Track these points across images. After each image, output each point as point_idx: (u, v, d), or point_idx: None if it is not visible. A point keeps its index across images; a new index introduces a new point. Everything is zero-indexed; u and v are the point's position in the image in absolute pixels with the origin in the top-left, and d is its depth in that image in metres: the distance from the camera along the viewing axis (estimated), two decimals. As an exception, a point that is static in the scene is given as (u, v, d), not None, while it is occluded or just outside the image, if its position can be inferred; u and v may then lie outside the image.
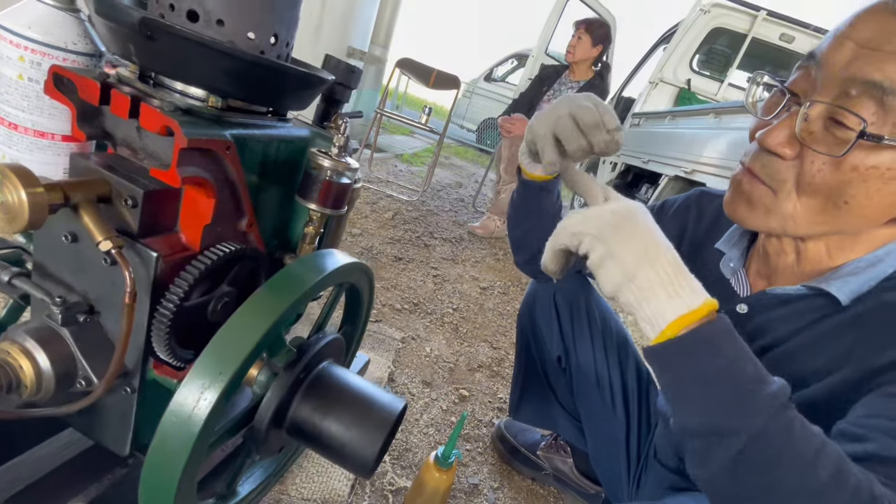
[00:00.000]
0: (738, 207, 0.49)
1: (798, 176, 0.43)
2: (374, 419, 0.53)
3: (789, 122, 0.43)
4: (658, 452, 0.77)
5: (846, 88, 0.40)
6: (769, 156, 0.45)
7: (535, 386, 0.94)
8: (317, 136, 0.61)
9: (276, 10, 0.47)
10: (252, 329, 0.44)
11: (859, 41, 0.40)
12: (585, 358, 0.84)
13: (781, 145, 0.43)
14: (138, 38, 0.40)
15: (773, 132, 0.43)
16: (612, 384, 0.83)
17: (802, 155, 0.43)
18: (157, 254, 0.44)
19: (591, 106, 0.51)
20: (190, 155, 0.43)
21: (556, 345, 0.86)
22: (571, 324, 0.84)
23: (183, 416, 0.40)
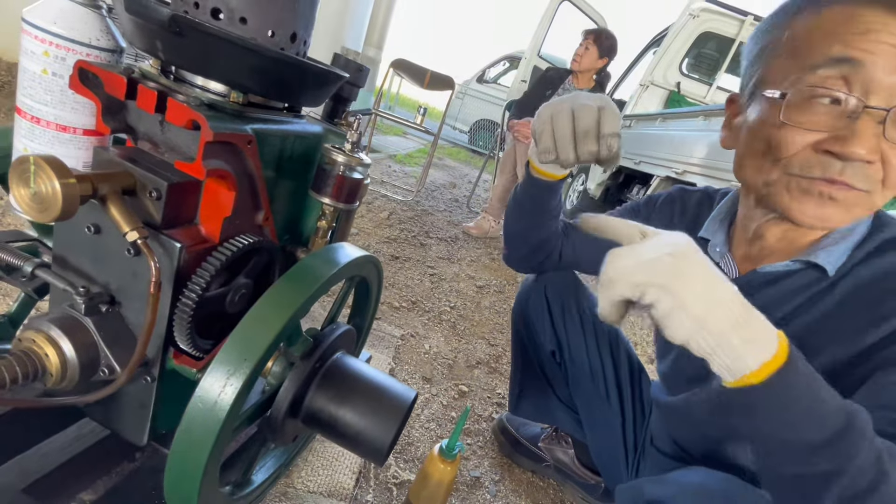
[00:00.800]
0: (833, 215, 0.48)
1: (886, 173, 0.45)
2: (387, 407, 0.55)
3: (870, 128, 0.43)
4: (654, 439, 0.80)
5: None
6: (861, 165, 0.44)
7: (533, 381, 0.96)
8: (329, 133, 0.62)
9: (296, 10, 0.48)
10: (274, 319, 0.45)
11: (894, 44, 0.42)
12: (578, 351, 0.87)
13: (872, 151, 0.43)
14: (166, 35, 0.41)
15: (860, 142, 0.43)
16: (605, 375, 0.86)
17: (885, 155, 0.44)
18: (181, 244, 0.45)
19: (592, 107, 0.52)
20: (214, 148, 0.44)
21: (549, 339, 0.89)
22: (563, 319, 0.87)
23: (209, 401, 0.41)
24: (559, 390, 0.94)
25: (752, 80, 0.53)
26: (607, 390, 0.86)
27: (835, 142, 0.44)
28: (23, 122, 0.48)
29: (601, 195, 3.92)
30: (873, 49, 0.42)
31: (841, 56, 0.43)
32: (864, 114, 0.43)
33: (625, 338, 0.91)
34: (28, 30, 0.45)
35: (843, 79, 0.44)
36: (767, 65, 0.51)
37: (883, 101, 0.42)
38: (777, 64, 0.49)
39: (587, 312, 0.86)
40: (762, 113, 0.50)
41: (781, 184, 0.49)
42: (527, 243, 0.79)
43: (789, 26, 0.49)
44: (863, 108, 0.43)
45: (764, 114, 0.50)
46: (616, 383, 0.86)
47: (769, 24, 0.53)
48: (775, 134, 0.48)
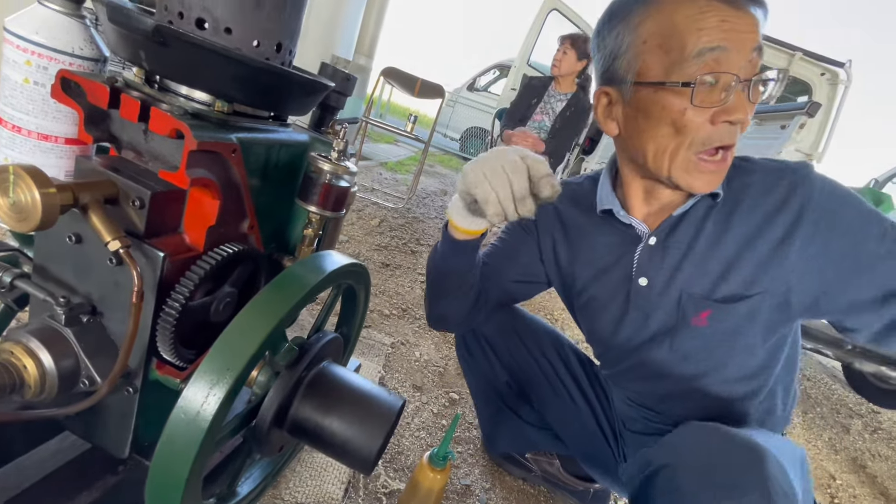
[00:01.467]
0: (716, 181, 0.60)
1: (742, 128, 0.57)
2: (374, 416, 0.54)
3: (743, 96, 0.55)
4: (627, 423, 0.81)
5: (749, 58, 0.55)
6: (733, 127, 0.56)
7: (501, 416, 0.98)
8: (316, 141, 0.63)
9: (282, 20, 0.48)
10: (258, 327, 0.45)
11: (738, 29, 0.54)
12: (530, 370, 0.90)
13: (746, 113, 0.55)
14: (150, 45, 0.41)
15: (741, 108, 0.55)
16: (562, 381, 0.88)
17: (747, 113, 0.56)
18: (164, 254, 0.45)
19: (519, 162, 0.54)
20: (198, 157, 0.44)
21: (499, 374, 0.92)
22: (507, 347, 0.90)
23: (191, 413, 0.41)
24: (526, 415, 0.96)
25: (629, 73, 0.60)
26: (570, 394, 0.88)
27: (725, 113, 0.55)
28: (4, 131, 0.48)
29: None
30: (728, 37, 0.53)
31: (712, 45, 0.53)
32: (737, 86, 0.54)
33: (565, 337, 0.94)
34: (10, 39, 0.45)
35: (715, 61, 0.53)
36: (641, 59, 0.58)
37: (743, 74, 0.54)
38: (651, 58, 0.57)
39: (525, 330, 0.90)
40: (660, 100, 0.57)
41: (682, 168, 0.59)
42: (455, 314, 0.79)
43: (644, 25, 0.57)
44: (737, 82, 0.54)
45: (663, 101, 0.57)
46: (575, 383, 0.88)
47: (621, 25, 0.60)
48: (680, 117, 0.56)
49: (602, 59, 0.64)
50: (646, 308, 0.69)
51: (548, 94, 2.65)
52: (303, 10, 0.52)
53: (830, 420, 1.99)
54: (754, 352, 0.66)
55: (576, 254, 0.77)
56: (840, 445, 1.77)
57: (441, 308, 0.79)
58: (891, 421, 2.19)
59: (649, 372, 0.73)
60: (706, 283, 0.64)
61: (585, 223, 0.76)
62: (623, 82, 0.61)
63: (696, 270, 0.65)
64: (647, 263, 0.68)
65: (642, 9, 0.57)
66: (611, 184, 0.73)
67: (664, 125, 0.58)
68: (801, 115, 2.11)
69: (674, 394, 0.72)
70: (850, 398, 2.33)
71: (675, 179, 0.60)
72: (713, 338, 0.65)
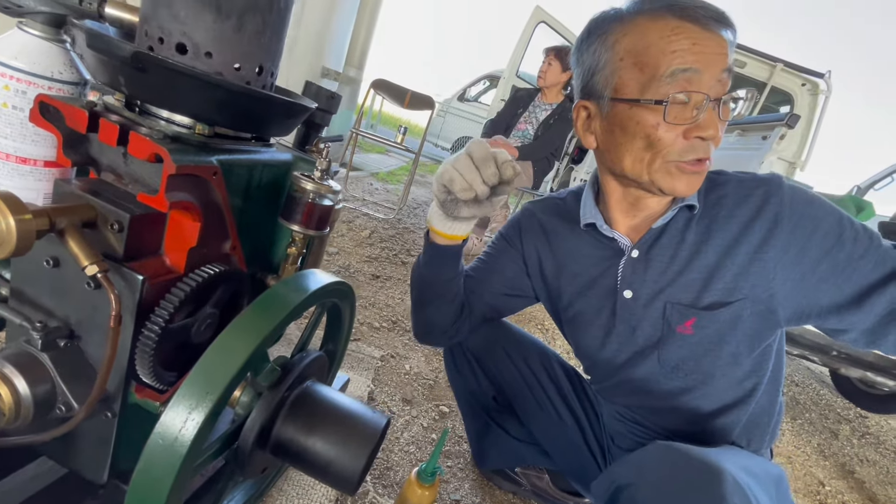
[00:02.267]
0: (698, 183, 0.62)
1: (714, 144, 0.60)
2: (358, 436, 0.54)
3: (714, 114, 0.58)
4: (615, 438, 0.81)
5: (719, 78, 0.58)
6: (707, 142, 0.59)
7: (489, 431, 0.98)
8: (299, 160, 0.63)
9: (262, 43, 0.49)
10: (239, 349, 0.45)
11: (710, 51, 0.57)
12: (517, 385, 0.89)
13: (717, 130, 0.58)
14: (129, 71, 0.41)
15: (713, 125, 0.58)
16: (549, 396, 0.88)
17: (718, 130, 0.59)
18: (143, 277, 0.44)
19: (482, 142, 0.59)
20: (177, 180, 0.44)
21: (486, 389, 0.92)
22: (494, 361, 0.89)
23: (170, 437, 0.40)
24: (514, 431, 0.96)
25: (606, 89, 0.62)
26: (556, 409, 0.88)
27: (698, 129, 0.57)
28: (-19, 154, 0.47)
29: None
30: (699, 59, 0.55)
31: (685, 67, 0.56)
32: (708, 105, 0.57)
33: (552, 351, 0.94)
34: (-12, 64, 0.45)
35: (687, 81, 0.56)
36: (618, 76, 0.60)
37: (713, 94, 0.57)
38: (627, 75, 0.59)
39: (511, 347, 0.90)
40: (634, 116, 0.60)
41: (663, 171, 0.61)
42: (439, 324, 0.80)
43: (621, 43, 0.60)
44: (708, 101, 0.56)
45: (637, 117, 0.59)
46: (562, 398, 0.88)
47: (599, 42, 0.62)
48: (653, 132, 0.59)
49: (581, 75, 0.66)
50: (631, 321, 0.70)
51: (533, 105, 2.69)
52: (284, 32, 0.53)
53: (819, 426, 2.01)
54: (740, 361, 0.67)
55: (561, 268, 0.78)
56: (829, 451, 1.79)
57: (425, 317, 0.80)
58: (878, 426, 2.21)
59: (638, 386, 0.73)
60: (690, 292, 0.66)
61: (570, 237, 0.77)
62: (601, 97, 0.63)
63: (680, 280, 0.66)
64: (630, 275, 0.70)
65: (618, 27, 0.60)
66: (594, 198, 0.74)
67: (639, 139, 0.60)
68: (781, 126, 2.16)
69: (663, 409, 0.73)
70: (839, 403, 2.35)
71: (658, 182, 0.61)
72: (699, 346, 0.67)
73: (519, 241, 0.82)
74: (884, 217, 2.70)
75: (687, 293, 0.66)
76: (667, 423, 0.74)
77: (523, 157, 2.58)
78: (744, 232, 0.63)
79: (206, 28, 0.45)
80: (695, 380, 0.68)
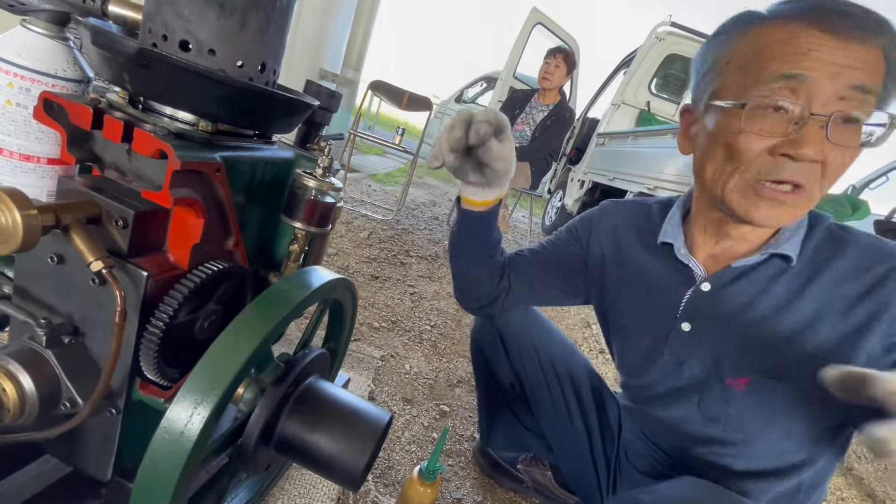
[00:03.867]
0: (783, 215, 0.54)
1: (824, 171, 0.51)
2: (361, 431, 0.54)
3: (814, 132, 0.49)
4: (630, 455, 0.80)
5: (840, 94, 0.48)
6: (808, 165, 0.51)
7: (500, 413, 0.97)
8: (301, 158, 0.63)
9: (265, 41, 0.49)
10: (243, 345, 0.45)
11: (831, 61, 0.48)
12: (536, 380, 0.87)
13: (819, 152, 0.50)
14: (133, 68, 0.42)
15: (810, 144, 0.49)
16: (566, 399, 0.86)
17: (825, 155, 0.50)
18: (148, 273, 0.45)
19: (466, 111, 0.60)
20: (182, 177, 0.44)
21: (506, 373, 0.90)
22: (519, 350, 0.87)
23: (175, 433, 0.40)
24: (525, 420, 0.95)
25: (706, 93, 0.58)
26: (570, 415, 0.86)
27: (789, 145, 0.50)
28: (-16, 152, 0.48)
29: (578, 211, 4.00)
30: (814, 66, 0.48)
31: (793, 73, 0.49)
32: (810, 120, 0.49)
33: (582, 357, 0.91)
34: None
35: (791, 90, 0.49)
36: (721, 79, 0.56)
37: (823, 109, 0.48)
38: (730, 79, 0.55)
39: (541, 339, 0.87)
40: (721, 122, 0.55)
41: (738, 190, 0.55)
42: (470, 283, 0.80)
43: (736, 45, 0.55)
44: (808, 115, 0.49)
45: (722, 123, 0.55)
46: (579, 407, 0.86)
47: (716, 43, 0.58)
48: (734, 140, 0.53)
49: (694, 77, 0.62)
50: (681, 354, 0.66)
51: (530, 105, 2.71)
52: (287, 30, 0.53)
53: (817, 423, 2.02)
54: (791, 436, 0.60)
55: (624, 278, 0.74)
56: (827, 448, 1.80)
57: (457, 272, 0.80)
58: (876, 423, 2.22)
59: (669, 423, 0.70)
60: (754, 349, 0.59)
61: (643, 251, 0.72)
62: (700, 100, 0.59)
63: (747, 332, 0.59)
64: (694, 309, 0.65)
65: (739, 30, 0.55)
66: (681, 216, 0.69)
67: (720, 147, 0.55)
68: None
69: (691, 452, 0.68)
70: (836, 401, 2.36)
71: (730, 202, 0.56)
72: (748, 407, 0.61)
73: (586, 238, 0.79)
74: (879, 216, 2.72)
75: (752, 348, 0.59)
76: (690, 466, 0.69)
77: (521, 158, 2.59)
78: (848, 308, 0.54)
79: (209, 25, 0.45)
80: (733, 437, 0.63)
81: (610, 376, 1.78)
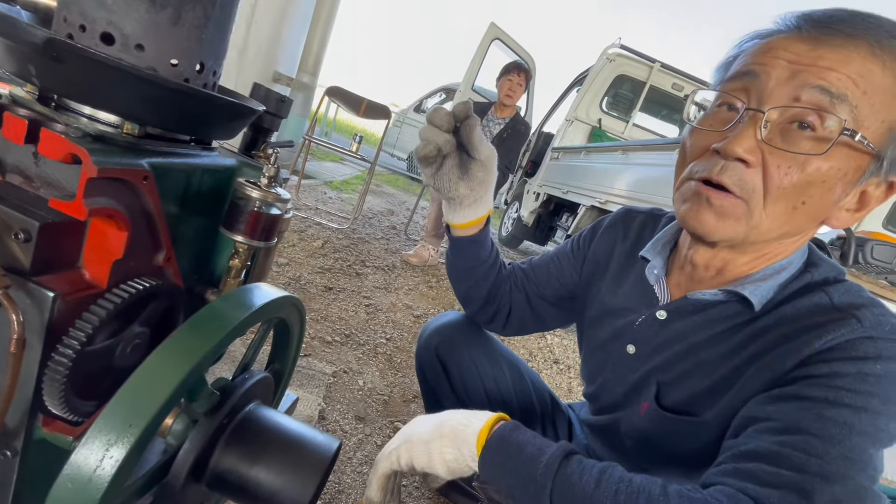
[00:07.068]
0: (706, 220, 0.49)
1: (766, 182, 0.45)
2: (306, 462, 0.50)
3: (750, 130, 0.45)
4: None
5: (796, 96, 0.43)
6: (736, 165, 0.46)
7: None
8: (244, 166, 0.59)
9: (203, 39, 0.45)
10: (169, 373, 0.40)
11: (789, 59, 0.44)
12: (481, 405, 0.85)
13: (749, 151, 0.45)
14: (41, 60, 0.36)
15: (737, 140, 0.45)
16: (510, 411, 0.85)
17: (766, 162, 0.45)
18: (55, 293, 0.39)
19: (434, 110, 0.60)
20: (99, 185, 0.39)
21: (450, 399, 0.89)
22: (461, 376, 0.86)
23: (81, 480, 0.35)
24: None
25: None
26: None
27: (720, 141, 0.47)
28: None
29: (533, 222, 4.09)
30: (770, 64, 0.45)
31: (744, 70, 0.47)
32: (746, 116, 0.46)
33: (530, 375, 0.90)
34: None
35: (743, 89, 0.47)
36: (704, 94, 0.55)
37: (758, 104, 0.45)
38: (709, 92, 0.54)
39: (484, 361, 0.85)
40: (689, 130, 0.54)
41: (678, 193, 0.52)
42: (478, 299, 0.79)
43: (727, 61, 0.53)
44: (745, 110, 0.46)
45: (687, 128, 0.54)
46: (523, 417, 0.86)
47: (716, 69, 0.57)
48: (686, 141, 0.52)
49: None
50: (620, 373, 0.67)
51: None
52: (229, 29, 0.49)
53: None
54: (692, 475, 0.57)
55: (605, 286, 0.72)
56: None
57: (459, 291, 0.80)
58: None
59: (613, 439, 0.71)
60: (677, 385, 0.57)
61: (628, 260, 0.70)
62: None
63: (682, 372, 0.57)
64: (642, 333, 0.63)
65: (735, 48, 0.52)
66: (675, 231, 0.65)
67: (679, 152, 0.54)
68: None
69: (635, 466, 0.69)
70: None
71: (676, 212, 0.53)
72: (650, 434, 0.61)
73: (588, 242, 0.77)
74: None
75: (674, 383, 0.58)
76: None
77: None
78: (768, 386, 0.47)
79: (137, 18, 0.41)
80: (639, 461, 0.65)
81: (563, 386, 1.81)
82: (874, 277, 1.56)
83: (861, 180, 0.46)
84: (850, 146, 0.43)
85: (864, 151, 0.44)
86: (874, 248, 1.55)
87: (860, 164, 0.44)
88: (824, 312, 0.47)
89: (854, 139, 0.42)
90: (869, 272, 1.59)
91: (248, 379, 0.53)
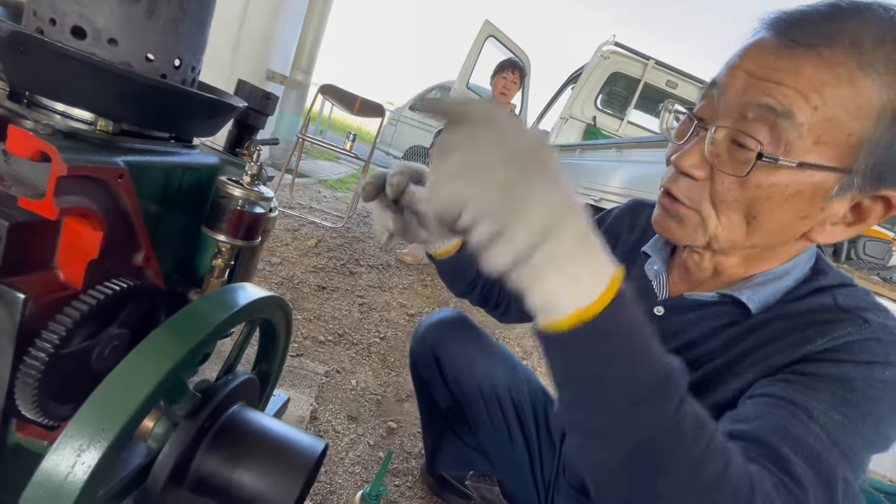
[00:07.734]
0: (669, 226, 0.50)
1: (711, 195, 0.46)
2: (291, 465, 0.49)
3: (699, 145, 0.45)
4: (566, 471, 0.80)
5: (744, 112, 0.42)
6: (684, 178, 0.47)
7: (444, 434, 0.95)
8: (227, 164, 0.58)
9: (179, 33, 0.44)
10: (146, 375, 0.39)
11: (748, 71, 0.43)
12: (475, 402, 0.86)
13: (694, 167, 0.45)
14: (8, 54, 0.35)
15: (685, 156, 0.46)
16: (506, 419, 0.85)
17: (713, 176, 0.45)
18: (26, 295, 0.38)
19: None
20: (71, 183, 0.38)
21: (444, 397, 0.88)
22: (456, 373, 0.85)
23: (52, 487, 0.34)
24: (468, 439, 0.94)
25: None
26: (511, 434, 0.84)
27: (674, 154, 0.48)
28: None
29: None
30: (732, 74, 0.44)
31: (714, 80, 0.46)
32: (699, 131, 0.46)
33: (525, 372, 0.90)
34: None
35: (710, 102, 0.47)
36: None
37: (728, 122, 0.44)
38: None
39: (478, 357, 0.85)
40: None
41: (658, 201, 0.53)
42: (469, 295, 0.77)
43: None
44: (694, 126, 0.46)
45: None
46: (520, 426, 0.85)
47: None
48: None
49: None
50: None
51: None
52: (208, 24, 0.48)
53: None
54: None
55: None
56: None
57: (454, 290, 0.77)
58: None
59: None
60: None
61: (631, 250, 0.68)
62: None
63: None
64: None
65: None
66: None
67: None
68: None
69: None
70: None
71: None
72: None
73: (601, 227, 0.75)
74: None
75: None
76: None
77: None
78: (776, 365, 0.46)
79: (109, 11, 0.40)
80: None
81: (559, 384, 1.80)
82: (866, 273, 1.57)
83: (829, 197, 0.43)
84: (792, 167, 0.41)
85: (819, 168, 0.41)
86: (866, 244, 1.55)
87: (821, 181, 0.42)
88: (828, 312, 0.46)
89: (777, 163, 0.41)
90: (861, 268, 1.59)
91: (232, 381, 0.53)
